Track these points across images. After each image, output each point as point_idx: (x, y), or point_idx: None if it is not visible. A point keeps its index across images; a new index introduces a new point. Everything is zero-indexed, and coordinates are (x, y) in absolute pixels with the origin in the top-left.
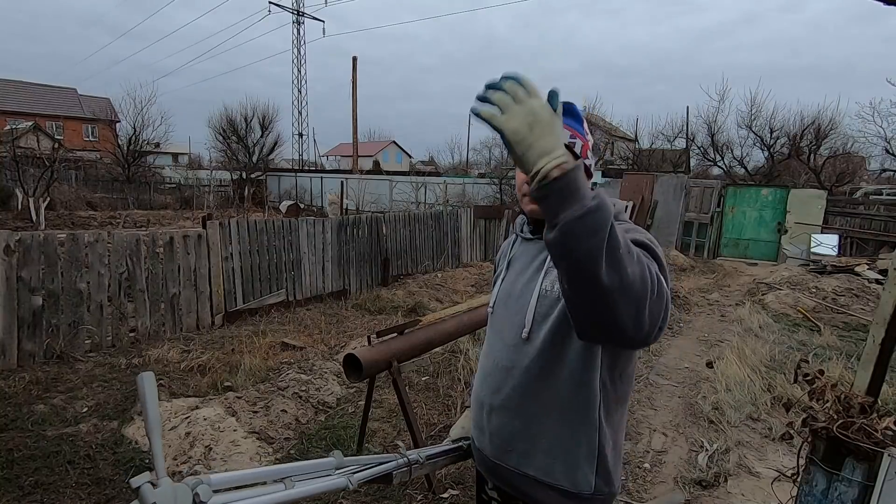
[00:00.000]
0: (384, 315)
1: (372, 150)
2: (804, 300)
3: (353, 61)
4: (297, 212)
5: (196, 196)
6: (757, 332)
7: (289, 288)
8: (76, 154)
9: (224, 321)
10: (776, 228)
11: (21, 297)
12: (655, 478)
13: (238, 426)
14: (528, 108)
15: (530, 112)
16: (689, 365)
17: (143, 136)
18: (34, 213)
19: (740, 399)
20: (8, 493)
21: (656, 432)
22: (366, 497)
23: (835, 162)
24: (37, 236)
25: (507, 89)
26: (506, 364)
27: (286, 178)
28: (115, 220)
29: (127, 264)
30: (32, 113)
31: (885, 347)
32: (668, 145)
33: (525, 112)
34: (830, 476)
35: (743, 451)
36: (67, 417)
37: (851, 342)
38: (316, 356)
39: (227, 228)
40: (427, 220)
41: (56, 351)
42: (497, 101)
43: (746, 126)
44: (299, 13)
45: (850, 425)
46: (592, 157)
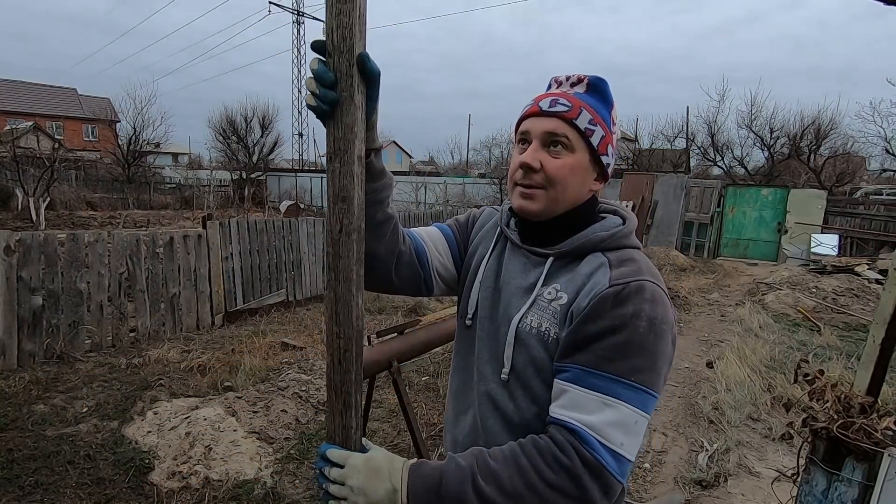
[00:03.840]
0: (384, 315)
1: None
2: (804, 300)
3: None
4: (297, 212)
5: (196, 196)
6: (757, 332)
7: (289, 288)
8: (76, 154)
9: (224, 321)
10: (776, 228)
11: (21, 297)
12: (655, 478)
13: (238, 426)
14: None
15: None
16: (689, 365)
17: (143, 136)
18: (34, 213)
19: (740, 399)
20: (8, 493)
21: (656, 432)
22: None
23: (835, 162)
24: (37, 236)
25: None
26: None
27: (286, 178)
28: (115, 220)
29: (127, 264)
30: (32, 113)
31: (885, 347)
32: (668, 145)
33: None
34: (830, 476)
35: (743, 451)
36: (67, 417)
37: (851, 342)
38: (316, 356)
39: (227, 228)
40: (427, 220)
41: (56, 351)
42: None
43: (746, 126)
44: (299, 13)
45: (850, 425)
46: (612, 155)
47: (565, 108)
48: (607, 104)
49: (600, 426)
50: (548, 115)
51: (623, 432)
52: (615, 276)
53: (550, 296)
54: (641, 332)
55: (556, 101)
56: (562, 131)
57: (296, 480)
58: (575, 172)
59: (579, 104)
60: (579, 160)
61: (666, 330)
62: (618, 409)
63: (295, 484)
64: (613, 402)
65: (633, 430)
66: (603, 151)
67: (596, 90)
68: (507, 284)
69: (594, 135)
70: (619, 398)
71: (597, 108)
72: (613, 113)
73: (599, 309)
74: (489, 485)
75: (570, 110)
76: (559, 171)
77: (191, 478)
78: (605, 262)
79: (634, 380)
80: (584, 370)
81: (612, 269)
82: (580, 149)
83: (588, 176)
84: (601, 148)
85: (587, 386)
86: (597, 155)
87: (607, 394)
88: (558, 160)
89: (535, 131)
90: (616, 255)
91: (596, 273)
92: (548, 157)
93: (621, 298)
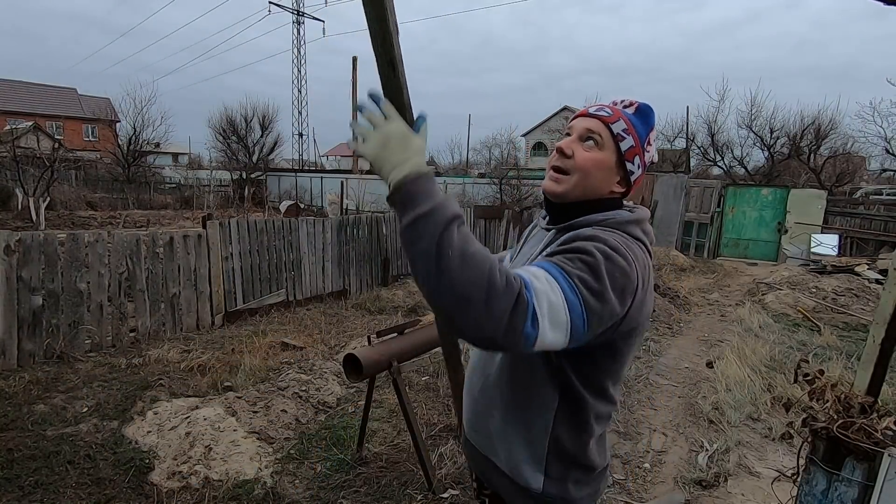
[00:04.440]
0: (384, 315)
1: None
2: (804, 300)
3: (354, 61)
4: (297, 212)
5: (196, 196)
6: (757, 332)
7: (289, 288)
8: (76, 154)
9: (224, 321)
10: (776, 228)
11: (21, 297)
12: (655, 478)
13: (238, 426)
14: (383, 131)
15: (384, 134)
16: (689, 365)
17: (143, 136)
18: (34, 213)
19: (740, 399)
20: (8, 493)
21: (656, 432)
22: (365, 497)
23: (835, 162)
24: (37, 236)
25: (367, 117)
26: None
27: (286, 178)
28: (115, 220)
29: (127, 264)
30: (32, 113)
31: (885, 347)
32: (668, 145)
33: (380, 135)
34: (830, 476)
35: (743, 451)
36: (67, 417)
37: (851, 342)
38: (316, 356)
39: (227, 228)
40: None
41: (56, 351)
42: (359, 132)
43: (746, 126)
44: (299, 13)
45: (850, 425)
46: (639, 166)
47: (607, 114)
48: (647, 125)
49: (538, 291)
50: (591, 117)
51: (551, 318)
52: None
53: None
54: (593, 254)
55: (602, 108)
56: (597, 130)
57: (296, 480)
58: (599, 167)
59: (620, 115)
60: (606, 158)
61: (618, 261)
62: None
63: (295, 484)
64: (556, 290)
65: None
66: (629, 158)
67: (641, 113)
68: (523, 258)
69: (624, 141)
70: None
71: (635, 125)
72: (651, 135)
73: (567, 238)
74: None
75: (611, 116)
76: (586, 161)
77: (191, 478)
78: None
79: (579, 287)
80: (549, 262)
81: None
82: (609, 149)
83: (611, 175)
84: (628, 154)
85: (544, 266)
86: (623, 160)
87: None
88: (588, 153)
89: (578, 127)
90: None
91: None
92: (580, 149)
93: (588, 234)
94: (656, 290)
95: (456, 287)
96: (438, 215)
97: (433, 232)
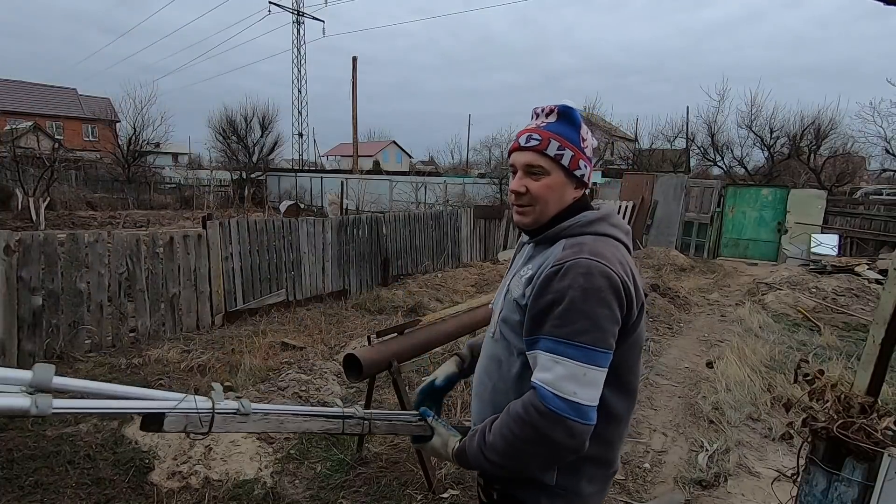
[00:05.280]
0: (384, 315)
1: (372, 150)
2: (804, 300)
3: (354, 61)
4: (296, 212)
5: (196, 196)
6: (757, 332)
7: (289, 288)
8: (76, 154)
9: (224, 321)
10: (776, 228)
11: (21, 297)
12: (655, 478)
13: None
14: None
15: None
16: (689, 365)
17: (143, 136)
18: (34, 213)
19: (740, 399)
20: (8, 493)
21: (656, 432)
22: (365, 497)
23: (835, 162)
24: (37, 236)
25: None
26: (484, 354)
27: (286, 178)
28: (115, 220)
29: (127, 264)
30: (32, 113)
31: (885, 347)
32: (668, 145)
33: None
34: (830, 476)
35: (743, 451)
36: (67, 417)
37: (851, 342)
38: (316, 356)
39: (227, 228)
40: (427, 220)
41: (56, 351)
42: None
43: (746, 126)
44: (299, 13)
45: (850, 425)
46: (586, 167)
47: (536, 143)
48: (575, 125)
49: (553, 380)
50: (525, 150)
51: (574, 383)
52: (558, 258)
53: (524, 272)
54: (578, 300)
55: (530, 137)
56: (536, 162)
57: (296, 480)
58: (553, 189)
59: (548, 136)
60: (555, 179)
61: (603, 296)
62: (565, 365)
63: (295, 484)
64: (562, 359)
65: (583, 381)
66: (575, 167)
67: (564, 117)
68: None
69: (564, 157)
70: (565, 356)
71: (564, 133)
72: (582, 131)
73: (543, 286)
74: (489, 452)
75: (540, 143)
76: (540, 190)
77: (191, 478)
78: (560, 247)
79: (577, 340)
80: (543, 337)
81: (563, 251)
82: (554, 170)
83: (566, 188)
84: (572, 165)
85: (543, 349)
86: (570, 171)
87: (557, 354)
88: (538, 182)
89: (518, 163)
90: (571, 241)
91: (551, 256)
92: (530, 182)
93: (560, 276)
94: (656, 291)
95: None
96: (478, 460)
97: (483, 465)
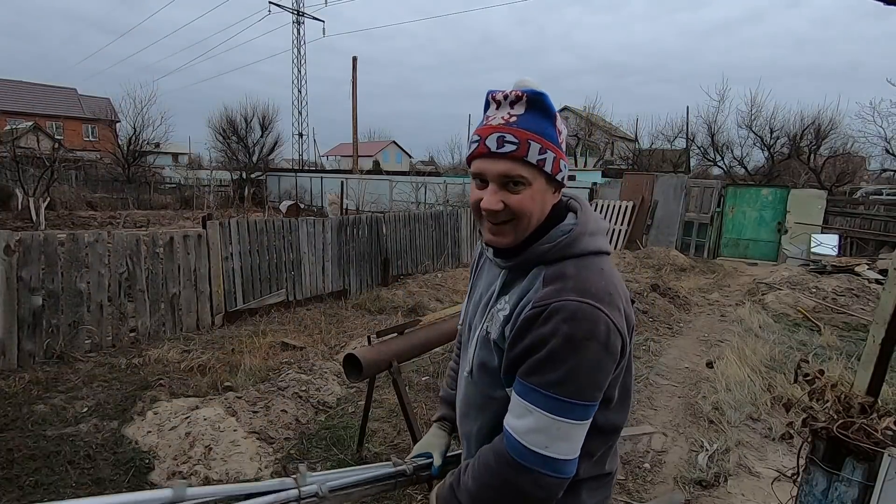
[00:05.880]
0: (384, 315)
1: (372, 150)
2: (804, 300)
3: (354, 61)
4: (297, 212)
5: (196, 196)
6: (757, 332)
7: (289, 288)
8: (76, 154)
9: (224, 321)
10: (776, 228)
11: (21, 297)
12: (655, 478)
13: (238, 426)
14: None
15: None
16: (689, 365)
17: (143, 136)
18: (34, 213)
19: (740, 399)
20: (8, 493)
21: (656, 432)
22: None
23: (835, 162)
24: (37, 236)
25: None
26: (463, 393)
27: (286, 178)
28: (115, 220)
29: (127, 264)
30: (32, 113)
31: (885, 347)
32: (668, 145)
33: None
34: (830, 476)
35: (743, 451)
36: (67, 417)
37: (851, 342)
38: (316, 356)
39: (227, 228)
40: (427, 220)
41: (56, 351)
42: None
43: (746, 126)
44: (299, 13)
45: (850, 425)
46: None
47: (513, 147)
48: (550, 117)
49: (523, 430)
50: (499, 158)
51: (546, 436)
52: (539, 297)
53: (500, 307)
54: (557, 349)
55: (502, 138)
56: (516, 172)
57: None
58: (536, 201)
59: (526, 137)
60: (538, 188)
61: (588, 344)
62: (537, 416)
63: None
64: (534, 409)
65: (556, 435)
66: (557, 171)
67: (536, 106)
68: (476, 295)
69: (546, 162)
70: (537, 406)
71: (542, 130)
72: (557, 122)
73: (523, 329)
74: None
75: (519, 148)
76: (522, 204)
77: (191, 478)
78: (540, 278)
79: (552, 391)
80: (519, 381)
81: (543, 287)
82: (536, 179)
83: (547, 196)
84: (554, 169)
85: (518, 392)
86: (553, 176)
87: (529, 401)
88: (519, 195)
89: (491, 174)
90: (551, 271)
91: (530, 291)
92: (508, 195)
93: (541, 320)
94: (656, 290)
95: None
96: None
97: None
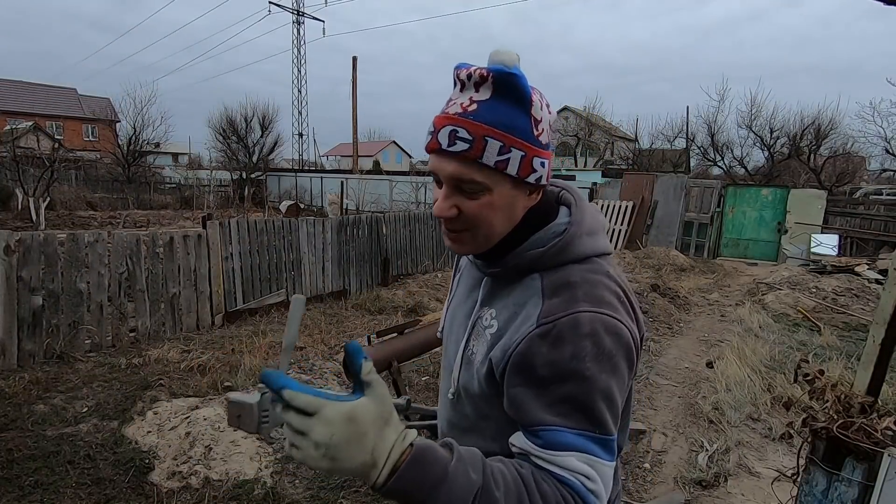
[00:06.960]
0: (384, 315)
1: (372, 149)
2: (804, 300)
3: (354, 61)
4: (297, 212)
5: (196, 196)
6: (757, 332)
7: (289, 288)
8: (76, 154)
9: (224, 321)
10: (776, 228)
11: (21, 297)
12: (655, 478)
13: None
14: (313, 440)
15: (318, 444)
16: (689, 365)
17: (143, 136)
18: (34, 213)
19: (740, 399)
20: (8, 493)
21: (656, 432)
22: (365, 497)
23: (835, 162)
24: (37, 236)
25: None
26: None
27: (286, 178)
28: (115, 220)
29: (127, 264)
30: (32, 113)
31: (885, 347)
32: (668, 145)
33: (312, 446)
34: (830, 476)
35: (743, 451)
36: (67, 417)
37: (851, 342)
38: (316, 356)
39: (227, 228)
40: (427, 220)
41: (56, 351)
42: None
43: (746, 126)
44: (299, 13)
45: (850, 425)
46: (543, 164)
47: (465, 146)
48: (523, 103)
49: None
50: (448, 156)
51: (604, 486)
52: (545, 311)
53: (485, 322)
54: (590, 376)
55: (454, 133)
56: (468, 176)
57: (296, 480)
58: (497, 209)
59: (482, 133)
60: (499, 194)
61: (615, 362)
62: (595, 466)
63: (295, 484)
64: (592, 459)
65: (607, 483)
66: (527, 172)
67: (504, 90)
68: (456, 302)
69: (509, 164)
70: (593, 454)
71: (508, 123)
72: (534, 110)
73: (532, 355)
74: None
75: (472, 148)
76: (478, 212)
77: (191, 478)
78: (538, 289)
79: (600, 432)
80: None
81: (544, 299)
82: (498, 184)
83: (516, 201)
84: (523, 171)
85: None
86: (520, 179)
87: (588, 452)
88: (475, 201)
89: (443, 174)
90: (552, 279)
91: (527, 304)
92: (463, 200)
93: (554, 340)
94: (656, 290)
95: None
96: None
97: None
